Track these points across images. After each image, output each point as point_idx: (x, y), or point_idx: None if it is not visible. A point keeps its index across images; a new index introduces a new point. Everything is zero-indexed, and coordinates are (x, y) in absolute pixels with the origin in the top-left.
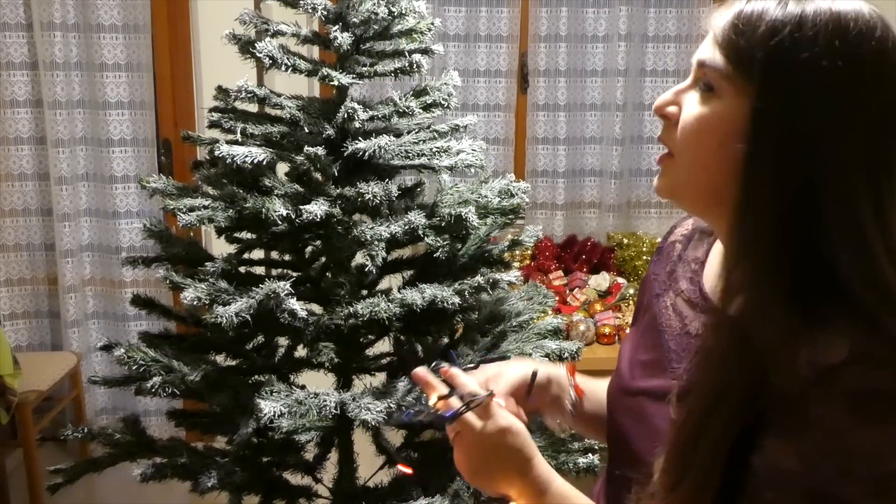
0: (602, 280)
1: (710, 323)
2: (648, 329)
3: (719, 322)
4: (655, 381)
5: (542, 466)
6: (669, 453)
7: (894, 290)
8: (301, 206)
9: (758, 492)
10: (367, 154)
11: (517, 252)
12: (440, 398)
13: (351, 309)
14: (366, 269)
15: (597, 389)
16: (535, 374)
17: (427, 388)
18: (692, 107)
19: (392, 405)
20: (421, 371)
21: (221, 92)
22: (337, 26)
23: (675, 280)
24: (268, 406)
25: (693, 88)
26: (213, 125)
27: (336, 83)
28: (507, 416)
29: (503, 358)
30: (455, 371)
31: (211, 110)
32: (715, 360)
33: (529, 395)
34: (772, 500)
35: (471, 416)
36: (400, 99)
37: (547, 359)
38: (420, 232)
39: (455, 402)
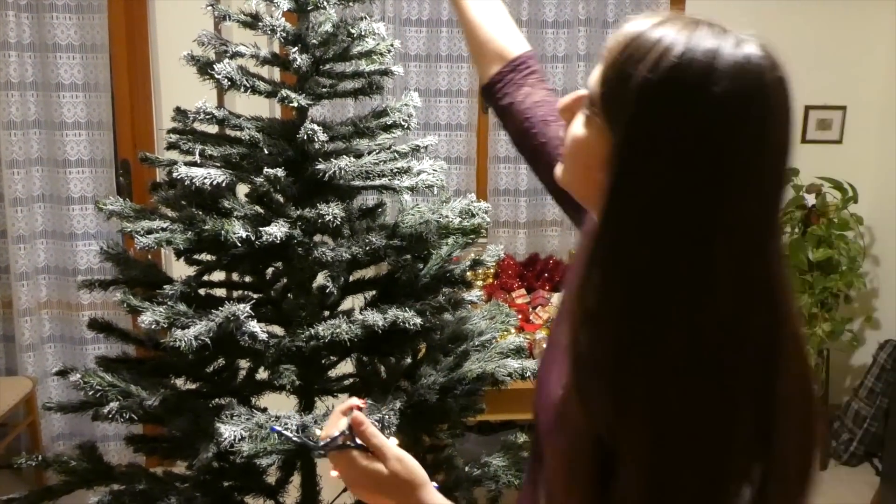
0: None
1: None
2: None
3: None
4: None
5: (425, 499)
6: (555, 481)
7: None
8: (261, 228)
9: None
10: (327, 175)
11: (479, 271)
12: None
13: (312, 331)
14: (327, 291)
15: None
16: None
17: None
18: (576, 125)
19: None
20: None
21: (180, 113)
22: (296, 48)
23: None
24: (228, 430)
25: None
26: (171, 146)
27: (296, 104)
28: (383, 461)
29: None
30: (361, 419)
31: (169, 131)
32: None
33: None
34: None
35: (356, 455)
36: (360, 120)
37: (510, 377)
38: (381, 252)
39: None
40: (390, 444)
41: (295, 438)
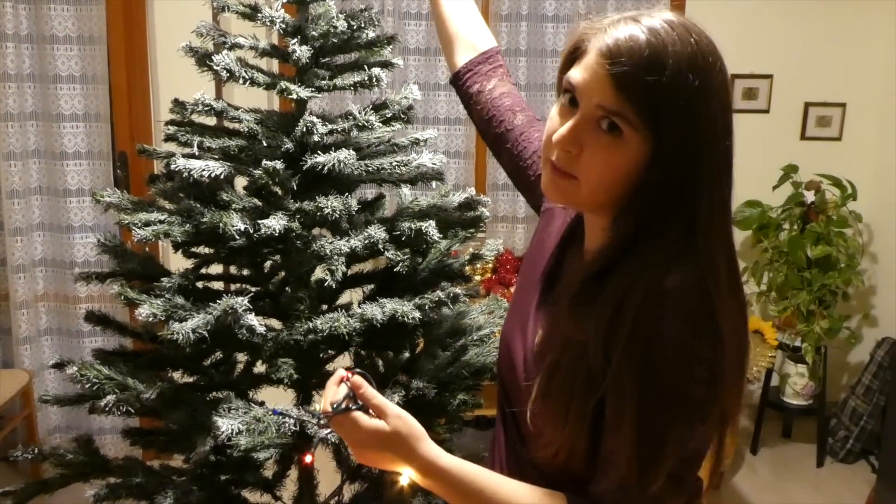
0: None
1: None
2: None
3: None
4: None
5: (426, 451)
6: (549, 399)
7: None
8: (259, 221)
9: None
10: (326, 168)
11: (478, 265)
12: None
13: (310, 324)
14: (325, 284)
15: None
16: None
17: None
18: (599, 149)
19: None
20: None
21: (178, 105)
22: (296, 39)
23: (576, 240)
24: (225, 424)
25: (592, 126)
26: (169, 138)
27: (295, 97)
28: (384, 419)
29: None
30: (359, 382)
31: (167, 123)
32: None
33: None
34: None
35: (358, 416)
36: (360, 112)
37: None
38: (380, 246)
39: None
40: (389, 403)
41: (298, 416)
